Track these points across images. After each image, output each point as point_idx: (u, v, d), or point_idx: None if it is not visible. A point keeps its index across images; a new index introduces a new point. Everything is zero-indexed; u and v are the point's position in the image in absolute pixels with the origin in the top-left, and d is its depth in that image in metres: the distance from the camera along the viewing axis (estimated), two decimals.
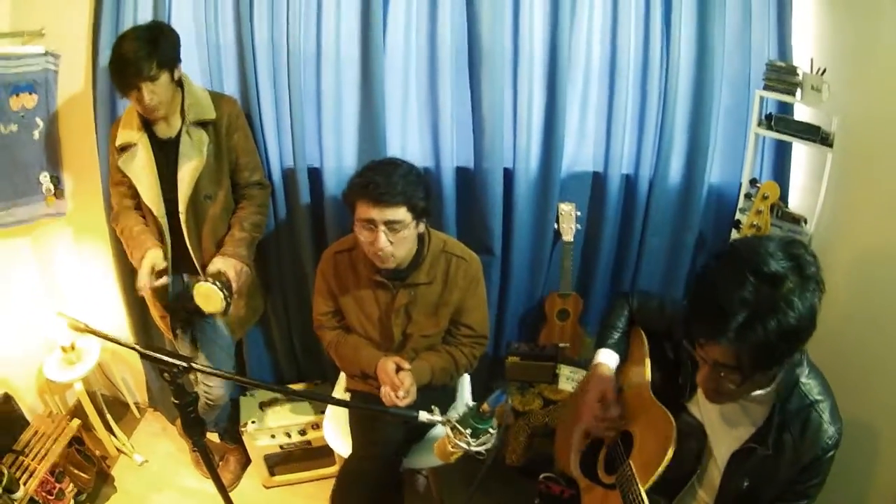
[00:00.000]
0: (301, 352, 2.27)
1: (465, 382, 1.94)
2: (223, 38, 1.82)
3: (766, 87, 1.76)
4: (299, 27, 1.78)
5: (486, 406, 1.02)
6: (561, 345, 2.12)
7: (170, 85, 1.57)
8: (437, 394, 1.69)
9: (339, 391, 1.90)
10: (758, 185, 1.82)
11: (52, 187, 2.00)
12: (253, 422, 2.01)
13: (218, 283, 1.58)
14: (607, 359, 1.44)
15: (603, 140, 1.97)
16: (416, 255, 1.59)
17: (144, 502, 2.10)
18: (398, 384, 1.55)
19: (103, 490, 2.09)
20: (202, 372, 1.12)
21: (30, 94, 1.88)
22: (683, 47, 1.81)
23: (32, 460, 1.82)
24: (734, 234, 1.91)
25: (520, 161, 1.95)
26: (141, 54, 1.46)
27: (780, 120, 1.76)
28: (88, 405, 2.10)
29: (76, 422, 2.00)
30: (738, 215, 1.90)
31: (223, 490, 1.26)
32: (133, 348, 1.06)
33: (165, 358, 1.01)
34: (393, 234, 1.46)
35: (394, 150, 1.94)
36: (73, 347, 2.08)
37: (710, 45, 1.79)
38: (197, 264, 1.73)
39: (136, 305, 2.10)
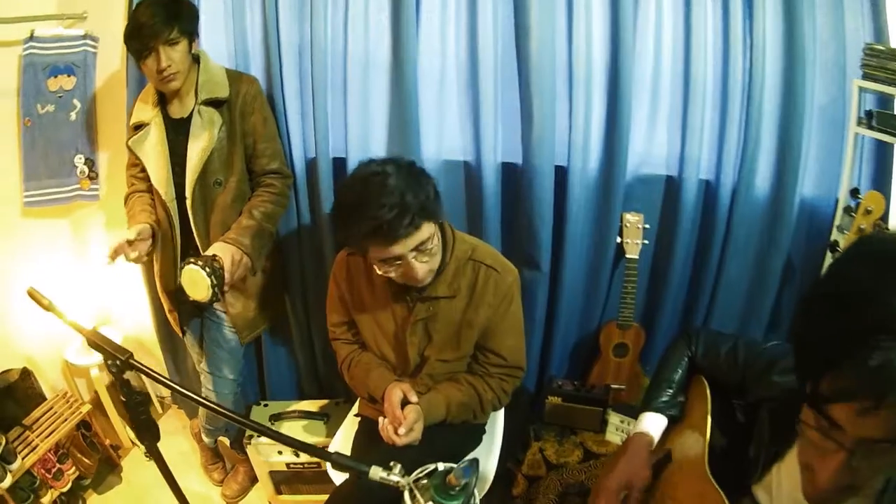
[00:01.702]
0: (323, 363, 2.08)
1: (499, 421, 1.61)
2: (249, 18, 1.67)
3: (864, 77, 1.40)
4: (326, 7, 1.60)
5: (452, 477, 0.75)
6: (614, 386, 1.76)
7: (187, 56, 1.47)
8: (458, 432, 1.41)
9: (352, 415, 1.67)
10: (859, 196, 1.44)
11: (86, 170, 1.96)
12: (259, 435, 1.83)
13: (208, 267, 1.40)
14: (652, 426, 1.11)
15: (677, 137, 1.60)
16: None
17: (145, 497, 2.01)
18: (399, 419, 1.28)
19: (108, 478, 2.05)
20: (141, 371, 0.95)
21: (68, 76, 1.86)
22: (769, 29, 1.48)
23: (37, 437, 1.81)
24: (829, 260, 1.53)
25: (575, 158, 1.63)
26: (158, 18, 1.39)
27: (883, 116, 1.40)
28: (104, 392, 2.06)
29: (86, 406, 1.97)
30: (834, 234, 1.53)
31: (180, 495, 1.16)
32: (82, 333, 0.96)
33: (107, 348, 0.92)
34: (425, 254, 1.20)
35: (428, 137, 1.69)
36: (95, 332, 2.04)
37: (797, 26, 1.45)
38: (202, 251, 1.58)
39: (159, 299, 2.01)
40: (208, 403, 0.93)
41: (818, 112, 1.56)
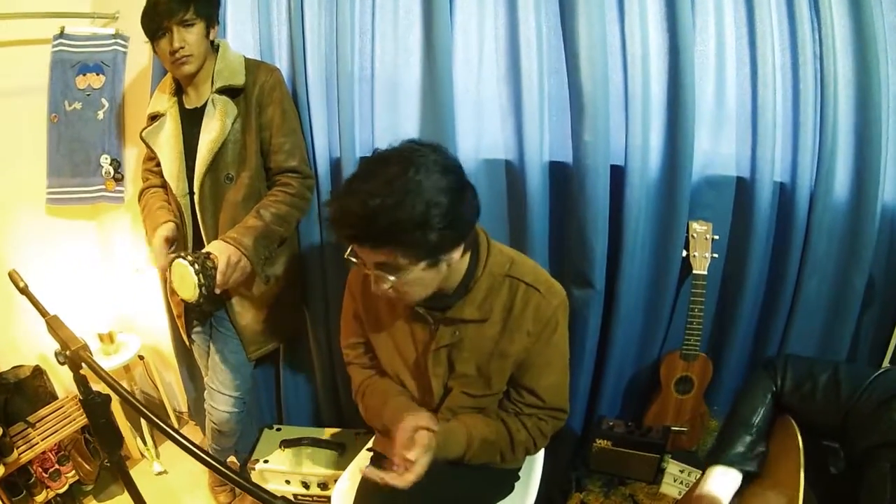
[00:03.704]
0: (343, 388, 1.88)
1: (536, 466, 1.34)
2: (276, 11, 1.57)
3: None
4: None
5: None
6: (674, 428, 1.48)
7: (202, 40, 1.37)
8: (484, 477, 1.17)
9: (365, 450, 1.45)
10: None
11: (111, 170, 1.89)
12: (266, 461, 1.66)
13: (197, 264, 1.26)
14: (722, 487, 0.91)
15: (747, 132, 1.39)
16: (464, 278, 1.07)
17: None
18: (405, 447, 1.01)
19: (111, 488, 1.96)
20: (89, 366, 0.87)
21: (97, 74, 1.83)
22: (836, 14, 1.29)
23: (39, 435, 1.77)
24: None
25: (634, 155, 1.39)
26: None
27: None
28: (115, 401, 1.95)
29: None
30: None
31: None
32: (44, 317, 0.96)
33: (60, 335, 0.89)
34: (391, 278, 0.97)
35: (465, 131, 1.51)
36: (111, 339, 1.97)
37: (864, 9, 1.26)
38: None
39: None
40: (150, 416, 0.76)
41: (894, 102, 1.32)
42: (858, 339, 1.49)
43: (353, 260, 1.01)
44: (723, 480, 0.92)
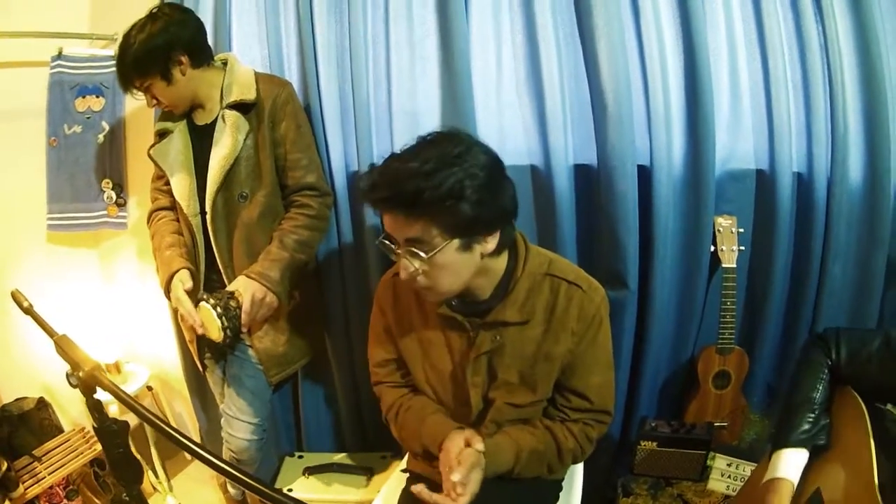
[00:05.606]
0: (367, 410, 1.81)
1: (577, 474, 1.29)
2: (283, 20, 1.55)
3: None
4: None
5: None
6: (717, 423, 1.46)
7: (169, 87, 1.32)
8: (528, 489, 1.12)
9: (399, 471, 1.37)
10: None
11: (113, 195, 1.84)
12: (290, 489, 1.59)
13: (220, 307, 1.25)
14: (792, 469, 0.92)
15: (763, 127, 1.43)
16: (503, 280, 1.05)
17: None
18: (453, 465, 0.98)
19: None
20: (104, 387, 0.77)
21: (97, 96, 1.78)
22: (837, 10, 1.36)
23: (45, 469, 1.73)
24: None
25: (659, 155, 1.40)
26: (126, 61, 1.27)
27: None
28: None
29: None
30: None
31: None
32: (51, 337, 0.84)
33: (69, 355, 0.79)
34: (419, 260, 0.94)
35: (487, 141, 1.41)
36: (118, 369, 1.89)
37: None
38: (225, 278, 1.40)
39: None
40: (176, 436, 0.70)
41: None
42: (884, 317, 1.53)
43: (387, 243, 0.97)
44: (792, 462, 0.92)
